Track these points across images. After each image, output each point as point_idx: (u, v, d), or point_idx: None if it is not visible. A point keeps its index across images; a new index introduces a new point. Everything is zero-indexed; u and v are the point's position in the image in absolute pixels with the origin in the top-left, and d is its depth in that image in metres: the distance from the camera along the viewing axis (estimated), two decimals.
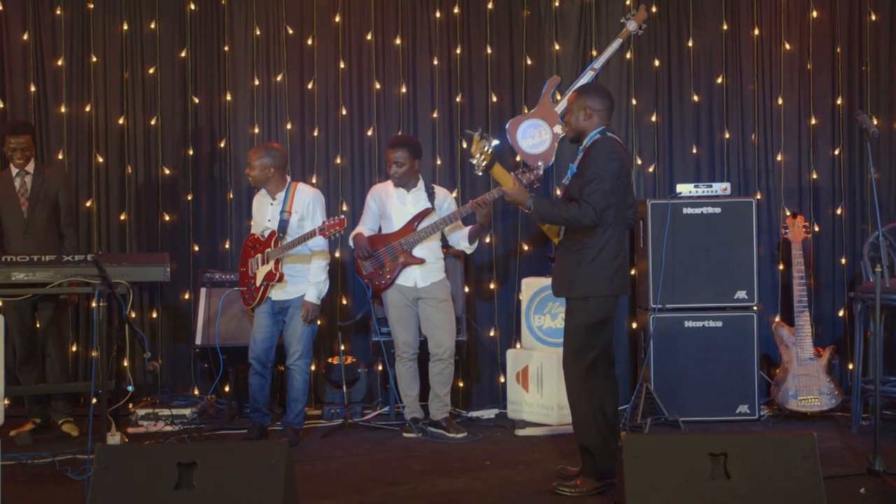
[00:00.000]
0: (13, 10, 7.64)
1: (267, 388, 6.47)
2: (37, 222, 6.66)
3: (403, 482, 5.31)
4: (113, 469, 3.94)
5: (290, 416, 6.42)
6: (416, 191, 6.59)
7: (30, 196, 6.66)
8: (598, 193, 4.91)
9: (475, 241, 6.61)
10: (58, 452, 5.85)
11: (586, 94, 5.20)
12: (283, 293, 6.35)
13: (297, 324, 6.34)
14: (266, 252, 6.30)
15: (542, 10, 7.67)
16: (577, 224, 4.96)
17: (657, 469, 3.98)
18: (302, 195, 6.42)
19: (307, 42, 7.70)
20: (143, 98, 7.68)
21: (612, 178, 4.97)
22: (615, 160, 5.00)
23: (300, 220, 6.34)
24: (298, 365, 6.37)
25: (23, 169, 6.67)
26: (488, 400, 7.51)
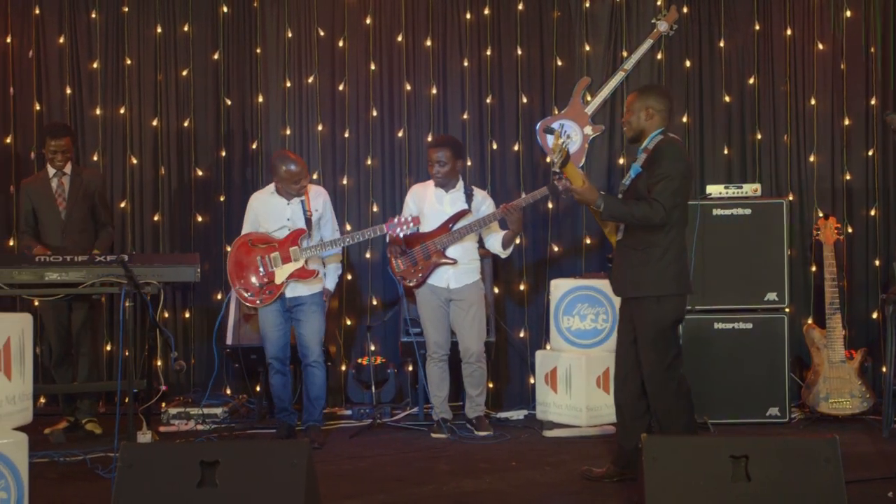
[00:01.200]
0: (49, 14, 7.74)
1: (289, 385, 6.50)
2: (74, 222, 6.74)
3: (429, 482, 5.32)
4: (137, 467, 3.98)
5: (315, 415, 6.44)
6: (454, 191, 6.60)
7: (68, 196, 6.75)
8: (667, 192, 4.94)
9: (509, 247, 6.58)
10: (89, 450, 5.92)
11: (647, 94, 5.21)
12: (300, 290, 6.36)
13: (314, 322, 6.37)
14: (292, 250, 6.30)
15: (573, 10, 7.66)
16: (646, 222, 4.97)
17: (677, 471, 3.96)
18: (317, 195, 6.49)
19: (338, 44, 7.74)
20: (176, 100, 7.77)
21: (681, 177, 5.00)
22: (683, 160, 5.05)
23: (319, 218, 6.39)
24: (319, 363, 6.40)
25: (61, 170, 6.76)
26: (518, 401, 7.51)
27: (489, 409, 7.11)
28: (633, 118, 5.20)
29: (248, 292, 6.35)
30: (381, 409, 7.14)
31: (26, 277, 5.99)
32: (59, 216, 6.72)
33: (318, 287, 6.43)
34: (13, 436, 4.20)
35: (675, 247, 5.05)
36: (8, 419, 4.22)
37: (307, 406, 6.47)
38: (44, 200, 6.74)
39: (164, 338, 6.16)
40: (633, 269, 5.07)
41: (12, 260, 6.19)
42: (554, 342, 6.92)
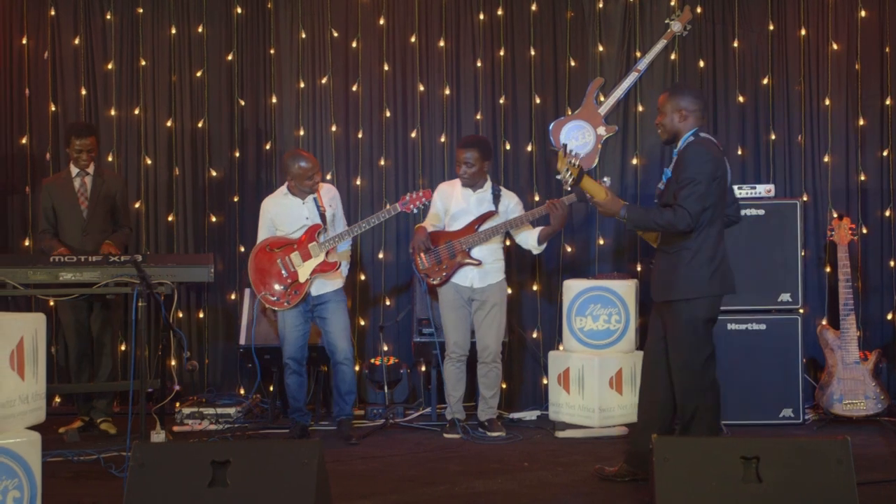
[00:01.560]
0: (65, 16, 7.78)
1: (305, 385, 6.54)
2: (96, 222, 6.78)
3: (440, 482, 5.32)
4: (149, 466, 4.00)
5: (346, 409, 6.50)
6: (481, 192, 6.60)
7: (90, 196, 6.78)
8: (692, 197, 4.90)
9: (544, 243, 6.60)
10: (103, 450, 5.96)
11: (679, 95, 5.16)
12: (323, 287, 6.40)
13: (339, 319, 6.41)
14: (311, 246, 6.33)
15: (586, 11, 7.65)
16: (672, 229, 4.96)
17: (688, 472, 3.96)
18: (328, 191, 6.54)
19: (352, 45, 7.76)
20: (190, 101, 7.79)
21: (707, 179, 4.95)
22: (709, 161, 4.97)
23: (332, 215, 6.42)
24: (349, 360, 6.45)
25: (84, 170, 6.79)
26: (531, 401, 7.51)
27: (502, 409, 7.11)
28: (666, 120, 5.17)
29: (275, 297, 6.39)
30: (393, 410, 7.15)
31: (41, 277, 6.02)
32: (80, 216, 6.75)
33: (339, 283, 6.48)
34: (26, 435, 4.22)
35: (706, 249, 5.02)
36: (21, 418, 4.23)
37: (338, 401, 6.53)
38: (66, 200, 6.77)
39: (177, 338, 6.16)
40: (666, 272, 5.08)
41: (27, 260, 6.22)
42: (567, 343, 6.92)
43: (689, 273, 4.99)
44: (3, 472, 4.08)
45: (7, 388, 4.12)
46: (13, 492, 4.11)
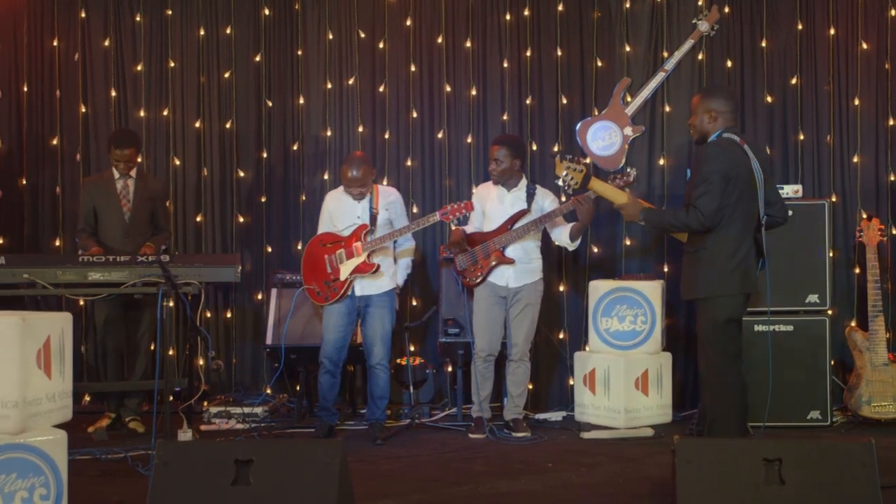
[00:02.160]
0: (95, 18, 7.86)
1: (337, 387, 6.55)
2: (137, 224, 6.83)
3: (464, 482, 5.33)
4: (173, 464, 4.03)
5: (377, 413, 6.52)
6: (516, 191, 6.61)
7: (132, 198, 6.84)
8: (705, 196, 4.97)
9: (577, 239, 6.60)
10: (130, 448, 6.01)
11: (711, 97, 5.24)
12: (368, 288, 6.43)
13: (379, 323, 6.43)
14: (355, 245, 6.37)
15: (613, 11, 7.63)
16: (687, 229, 5.06)
17: (710, 473, 3.94)
18: (387, 195, 6.56)
19: (379, 45, 7.78)
20: (218, 102, 7.85)
21: (720, 178, 4.99)
22: (723, 160, 5.03)
23: (388, 218, 6.43)
24: (384, 364, 6.47)
25: (126, 174, 6.86)
26: (557, 402, 7.52)
27: (528, 410, 7.10)
28: (697, 121, 5.26)
29: (318, 291, 6.47)
30: (419, 410, 7.17)
31: (70, 277, 6.10)
32: (122, 217, 6.81)
33: (387, 286, 6.48)
34: (53, 433, 4.26)
35: (724, 248, 5.06)
36: (48, 417, 4.27)
37: (370, 404, 6.57)
38: (108, 201, 6.83)
39: (201, 337, 6.20)
40: (688, 272, 5.18)
41: (56, 260, 6.30)
42: (592, 344, 6.90)
43: (706, 272, 5.05)
44: (29, 470, 4.13)
45: (34, 386, 4.16)
46: (40, 489, 4.15)
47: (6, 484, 4.08)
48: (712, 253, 5.04)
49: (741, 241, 5.11)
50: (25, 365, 4.11)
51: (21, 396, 4.09)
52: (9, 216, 7.80)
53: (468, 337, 6.85)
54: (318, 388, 6.56)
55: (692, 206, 4.95)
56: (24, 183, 7.82)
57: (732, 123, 5.23)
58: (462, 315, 6.91)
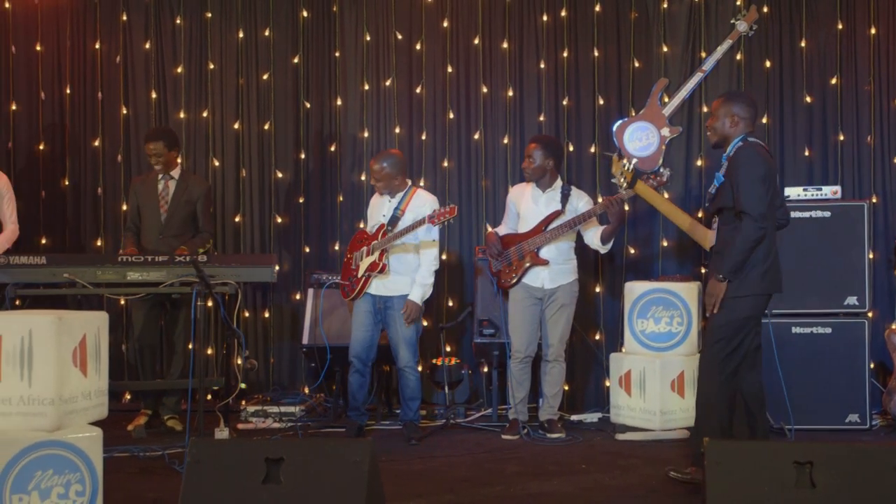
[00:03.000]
0: (136, 21, 7.95)
1: (366, 386, 6.58)
2: (173, 226, 6.91)
3: (496, 483, 5.34)
4: (205, 462, 4.07)
5: (409, 414, 6.55)
6: (550, 191, 6.61)
7: (170, 200, 6.92)
8: (752, 199, 4.96)
9: (609, 241, 6.58)
10: (168, 446, 6.07)
11: (733, 101, 5.23)
12: (384, 288, 6.45)
13: (402, 326, 6.44)
14: (372, 244, 6.42)
15: (651, 11, 7.61)
16: (750, 243, 4.98)
17: (740, 476, 3.91)
18: (419, 199, 6.54)
19: (416, 47, 7.81)
20: (257, 103, 7.91)
21: (761, 181, 4.99)
22: (762, 164, 5.03)
23: (413, 220, 6.44)
24: (411, 366, 6.49)
25: (167, 174, 6.94)
26: (593, 403, 7.50)
27: (564, 411, 7.10)
28: (717, 124, 5.24)
29: (343, 286, 6.61)
30: (454, 410, 7.18)
31: (109, 277, 6.17)
32: (159, 218, 6.89)
33: (403, 290, 6.46)
34: (89, 430, 4.34)
35: (761, 248, 5.04)
36: (83, 414, 4.35)
37: (402, 405, 6.61)
38: (148, 201, 6.93)
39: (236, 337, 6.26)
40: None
41: (96, 259, 6.37)
42: (628, 345, 6.89)
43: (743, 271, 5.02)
44: (65, 466, 4.20)
45: (70, 384, 4.24)
46: (76, 485, 4.23)
47: (43, 480, 4.16)
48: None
49: (772, 242, 5.13)
50: (62, 363, 4.19)
51: (57, 394, 4.17)
52: (51, 216, 7.92)
53: (503, 338, 6.87)
54: (348, 387, 6.59)
55: (742, 212, 4.95)
56: (66, 183, 7.94)
57: (752, 129, 5.22)
58: (497, 316, 6.92)
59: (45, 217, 7.92)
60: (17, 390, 4.15)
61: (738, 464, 3.96)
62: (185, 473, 4.07)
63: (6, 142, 7.94)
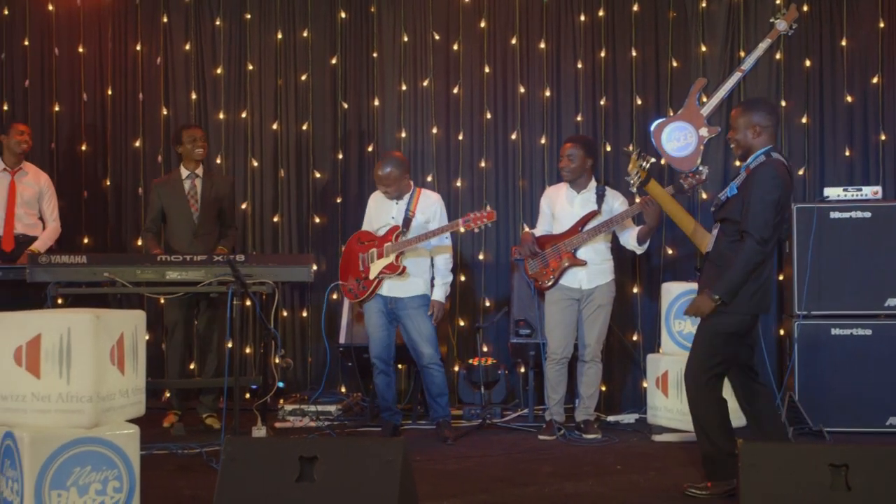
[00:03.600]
0: (177, 22, 8.03)
1: (393, 385, 6.62)
2: (205, 224, 6.96)
3: (530, 483, 5.34)
4: (240, 460, 4.12)
5: (440, 411, 6.55)
6: (585, 192, 6.60)
7: (200, 199, 6.97)
8: (759, 222, 4.78)
9: (645, 242, 6.55)
10: (206, 444, 6.13)
11: (752, 110, 5.02)
12: (397, 289, 6.45)
13: (421, 324, 6.45)
14: (385, 246, 6.42)
15: (689, 11, 7.57)
16: (752, 267, 4.82)
17: (774, 478, 3.89)
18: (427, 199, 6.57)
19: (453, 47, 7.82)
20: (295, 104, 7.96)
21: (774, 205, 4.82)
22: (778, 188, 4.83)
23: (426, 221, 6.46)
24: (435, 362, 6.49)
25: (193, 172, 7.00)
26: (630, 404, 7.47)
27: (600, 412, 7.08)
28: (739, 136, 5.03)
29: (349, 287, 6.56)
30: (490, 410, 7.18)
31: (148, 276, 6.24)
32: (191, 218, 6.94)
33: (416, 291, 6.48)
34: (126, 427, 4.38)
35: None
36: (121, 411, 4.40)
37: (431, 403, 6.61)
38: (176, 202, 6.96)
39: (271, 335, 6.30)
40: (713, 281, 4.95)
41: (136, 259, 6.44)
42: (666, 346, 6.86)
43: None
44: (103, 463, 4.25)
45: (108, 382, 4.29)
46: (113, 482, 4.28)
47: (81, 476, 4.21)
48: None
49: (768, 262, 4.98)
50: (99, 361, 4.24)
51: (95, 392, 4.22)
52: (93, 216, 8.03)
53: (539, 338, 6.86)
54: (376, 390, 6.62)
55: (747, 232, 4.80)
56: (107, 184, 8.05)
57: (774, 140, 5.05)
58: (533, 316, 6.92)
59: (86, 217, 8.03)
60: (56, 388, 4.21)
61: (773, 466, 3.94)
62: (221, 471, 4.12)
63: (49, 142, 8.05)
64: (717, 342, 4.96)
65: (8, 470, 4.24)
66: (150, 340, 7.60)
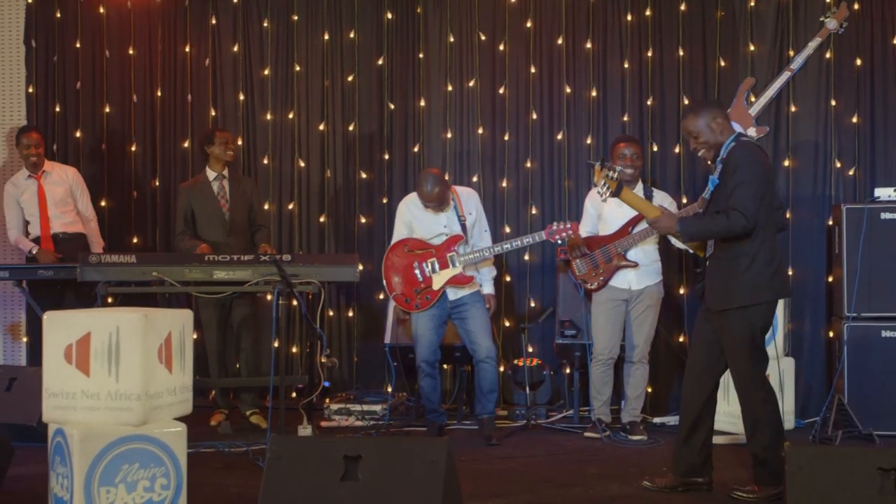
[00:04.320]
0: (225, 24, 8.11)
1: (438, 387, 6.64)
2: (238, 223, 7.02)
3: (576, 484, 5.34)
4: (286, 458, 4.16)
5: (487, 407, 6.54)
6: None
7: (230, 198, 7.04)
8: (746, 198, 4.80)
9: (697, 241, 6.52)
10: (252, 442, 6.20)
11: (701, 111, 5.05)
12: (458, 291, 6.48)
13: (479, 319, 6.46)
14: (449, 256, 6.42)
15: (737, 9, 7.50)
16: (729, 234, 4.86)
17: (822, 482, 3.86)
18: (466, 198, 6.60)
19: (499, 47, 7.82)
20: (342, 105, 8.00)
21: (758, 180, 4.85)
22: (758, 162, 4.89)
23: (474, 221, 6.47)
24: (491, 358, 6.49)
25: (220, 173, 7.06)
26: (676, 406, 7.34)
27: (646, 413, 7.05)
28: (704, 139, 5.02)
29: (406, 297, 6.51)
30: (536, 411, 7.18)
31: (196, 275, 6.31)
32: (223, 217, 6.99)
33: (473, 288, 6.53)
34: (174, 425, 4.43)
35: (763, 252, 4.90)
36: (168, 410, 4.44)
37: (480, 399, 6.60)
38: (207, 203, 7.01)
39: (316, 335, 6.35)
40: (723, 280, 4.95)
41: (184, 259, 6.51)
42: None
43: (748, 279, 4.88)
44: (151, 460, 4.30)
45: (156, 380, 4.34)
46: (161, 479, 4.32)
47: (129, 473, 4.26)
48: (753, 259, 4.86)
49: (775, 246, 4.99)
50: (148, 359, 4.29)
51: (143, 390, 4.26)
52: (142, 216, 8.12)
53: (585, 338, 6.84)
54: (421, 392, 6.64)
55: (732, 209, 4.79)
56: (156, 184, 8.14)
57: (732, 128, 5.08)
58: (579, 316, 6.90)
59: (136, 217, 8.12)
60: (105, 386, 4.26)
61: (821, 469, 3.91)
62: (266, 469, 4.15)
63: (100, 143, 8.16)
64: (758, 338, 4.96)
65: (58, 466, 4.30)
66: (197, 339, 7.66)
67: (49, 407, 4.36)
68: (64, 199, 7.39)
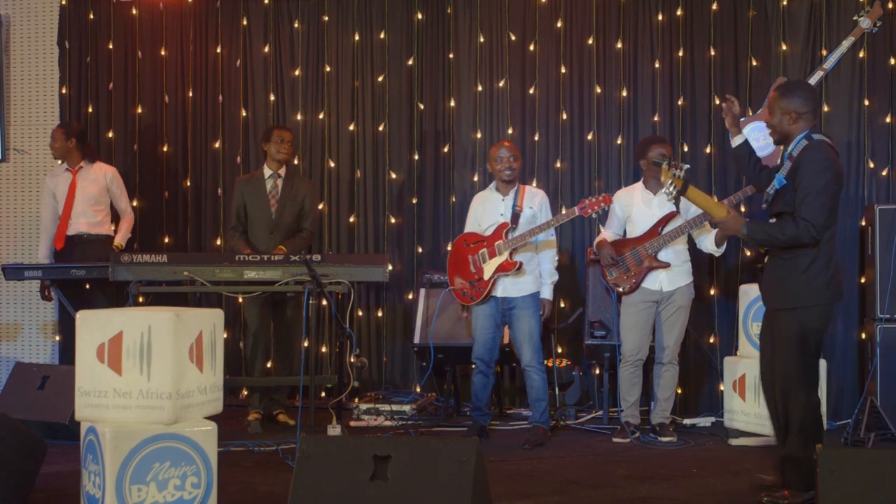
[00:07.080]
0: (256, 25, 8.15)
1: (490, 387, 6.61)
2: (283, 223, 7.03)
3: (605, 486, 5.32)
4: (315, 457, 4.16)
5: (535, 415, 6.52)
6: (662, 194, 6.53)
7: (280, 198, 7.05)
8: (814, 208, 4.71)
9: (722, 244, 6.49)
10: (282, 441, 6.22)
11: (789, 95, 4.92)
12: (511, 289, 6.44)
13: (527, 324, 6.43)
14: (497, 244, 6.42)
15: (769, 9, 7.45)
16: (796, 244, 4.78)
17: (854, 484, 3.83)
18: (532, 193, 6.61)
19: (529, 47, 7.81)
20: (372, 105, 8.02)
21: (828, 189, 4.75)
22: (829, 169, 4.75)
23: (533, 215, 6.45)
24: (534, 365, 6.46)
25: (276, 172, 7.08)
26: (706, 408, 7.38)
27: (676, 415, 7.02)
28: (775, 121, 4.96)
29: (462, 291, 6.54)
30: (565, 411, 7.16)
31: (227, 275, 6.35)
32: (269, 216, 7.02)
33: (528, 289, 6.47)
34: (204, 424, 4.47)
35: (823, 255, 4.83)
36: (199, 408, 4.48)
37: (531, 405, 6.59)
38: (257, 199, 7.04)
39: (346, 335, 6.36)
40: (781, 279, 4.89)
41: (214, 258, 6.54)
42: (743, 349, 6.76)
43: (806, 280, 4.81)
44: (182, 459, 4.34)
45: (187, 379, 4.38)
46: (191, 477, 4.36)
47: (160, 471, 4.30)
48: (813, 260, 4.79)
49: (834, 248, 4.91)
50: (179, 359, 4.32)
51: (175, 389, 4.30)
52: (173, 216, 8.18)
53: (615, 339, 6.82)
54: (472, 387, 6.63)
55: (802, 219, 4.71)
56: (188, 184, 8.19)
57: (814, 123, 4.95)
58: (609, 317, 6.88)
59: (167, 217, 8.18)
60: (137, 384, 4.30)
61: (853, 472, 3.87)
62: (296, 468, 4.16)
63: (132, 143, 8.22)
64: (810, 340, 4.88)
65: (91, 464, 4.34)
66: (228, 339, 7.72)
67: (81, 405, 4.40)
68: (96, 197, 7.42)
